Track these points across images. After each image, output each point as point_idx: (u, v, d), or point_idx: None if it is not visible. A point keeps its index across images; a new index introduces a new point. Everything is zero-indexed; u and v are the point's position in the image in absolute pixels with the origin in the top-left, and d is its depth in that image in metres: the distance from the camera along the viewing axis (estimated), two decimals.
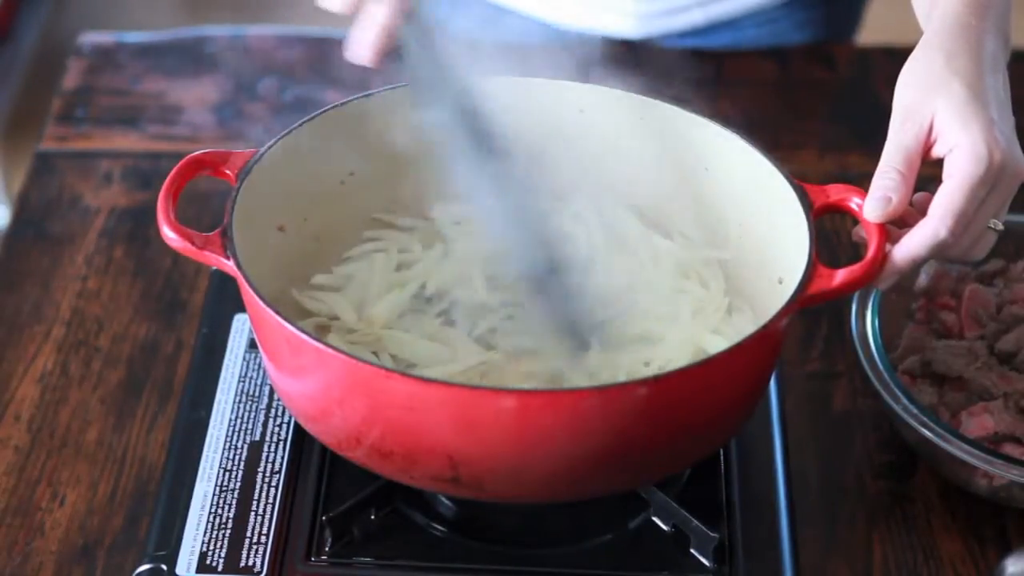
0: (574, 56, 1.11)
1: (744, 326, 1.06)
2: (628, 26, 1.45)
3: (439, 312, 1.08)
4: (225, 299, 1.16)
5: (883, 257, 0.95)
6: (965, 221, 0.94)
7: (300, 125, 1.05)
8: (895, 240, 0.96)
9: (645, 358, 1.03)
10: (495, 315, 1.07)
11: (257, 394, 1.09)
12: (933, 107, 0.94)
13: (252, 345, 1.13)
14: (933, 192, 0.95)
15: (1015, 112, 0.98)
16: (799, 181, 1.02)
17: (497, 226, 1.03)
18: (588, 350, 1.02)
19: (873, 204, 0.95)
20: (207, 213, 1.29)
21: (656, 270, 1.09)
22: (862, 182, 1.01)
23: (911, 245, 0.95)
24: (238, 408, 1.09)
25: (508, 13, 1.48)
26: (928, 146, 0.95)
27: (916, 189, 0.96)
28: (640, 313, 1.07)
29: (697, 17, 1.46)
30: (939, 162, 0.95)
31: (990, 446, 1.04)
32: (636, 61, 1.11)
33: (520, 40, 1.43)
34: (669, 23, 1.46)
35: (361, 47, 0.98)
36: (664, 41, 1.46)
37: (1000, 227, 0.97)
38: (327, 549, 1.00)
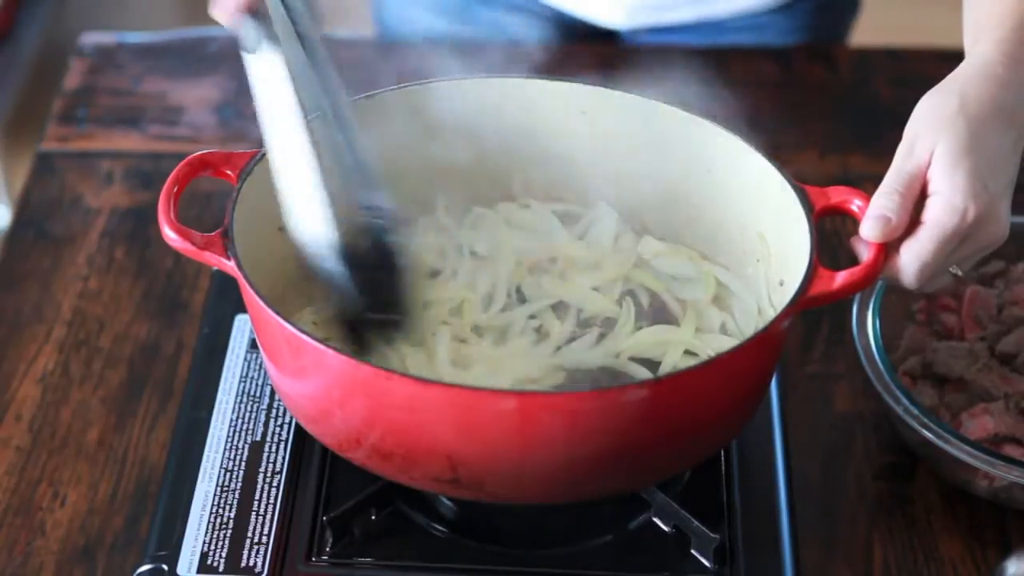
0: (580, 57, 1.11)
1: (745, 328, 1.07)
2: (617, 16, 1.46)
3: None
4: (226, 299, 1.16)
5: (884, 260, 0.96)
6: (931, 271, 0.95)
7: None
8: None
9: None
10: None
11: (258, 394, 1.09)
12: (934, 145, 0.95)
13: (253, 345, 1.13)
14: None
15: None
16: (800, 183, 1.02)
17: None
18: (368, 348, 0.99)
19: (871, 223, 0.95)
20: (208, 213, 1.29)
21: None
22: (863, 184, 1.01)
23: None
24: (239, 408, 1.09)
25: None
26: (926, 182, 0.96)
27: None
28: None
29: (686, 15, 1.46)
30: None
31: (990, 447, 1.04)
32: (636, 61, 1.11)
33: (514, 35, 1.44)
34: (657, 17, 1.46)
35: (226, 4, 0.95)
36: (649, 35, 1.46)
37: (959, 273, 0.99)
38: (328, 549, 1.00)
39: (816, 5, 1.50)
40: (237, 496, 1.03)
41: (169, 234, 0.98)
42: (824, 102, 1.44)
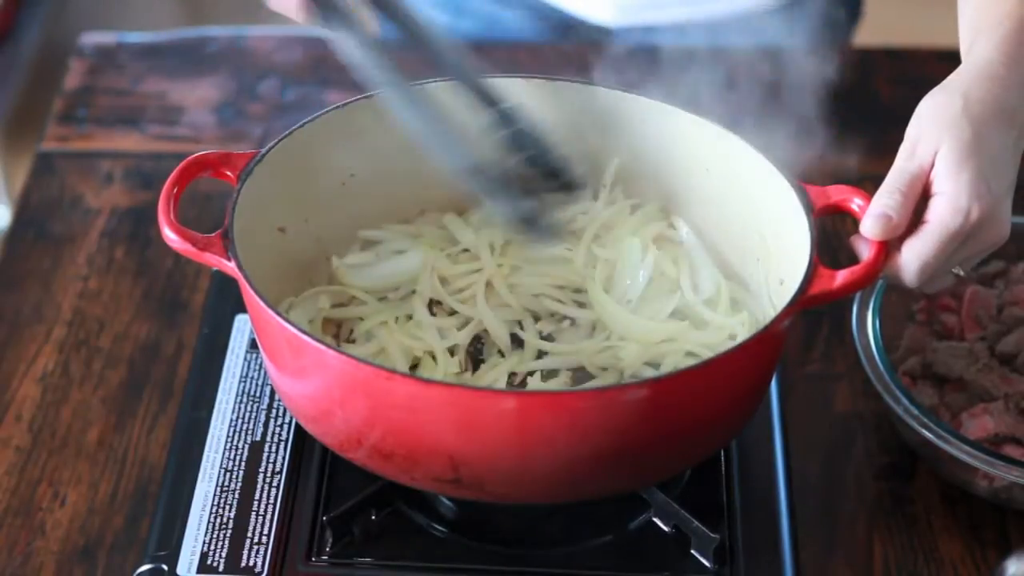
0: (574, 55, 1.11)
1: (745, 327, 1.06)
2: (608, 15, 1.46)
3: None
4: (226, 300, 1.16)
5: (884, 259, 0.96)
6: (931, 270, 0.95)
7: (301, 126, 1.05)
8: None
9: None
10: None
11: (258, 394, 1.09)
12: (938, 146, 0.95)
13: (253, 345, 1.13)
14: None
15: None
16: (800, 182, 1.02)
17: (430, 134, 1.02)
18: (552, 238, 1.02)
19: (872, 221, 0.95)
20: (208, 213, 1.29)
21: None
22: (863, 183, 1.01)
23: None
24: (239, 408, 1.09)
25: None
26: (928, 182, 0.96)
27: None
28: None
29: (677, 14, 1.46)
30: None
31: (990, 447, 1.04)
32: (636, 61, 1.11)
33: (512, 32, 1.44)
34: (648, 15, 1.46)
35: None
36: (641, 34, 1.46)
37: (961, 273, 0.99)
38: (328, 549, 1.00)
39: (815, 9, 1.50)
40: (237, 496, 1.03)
41: (169, 235, 0.98)
42: (823, 102, 1.43)
